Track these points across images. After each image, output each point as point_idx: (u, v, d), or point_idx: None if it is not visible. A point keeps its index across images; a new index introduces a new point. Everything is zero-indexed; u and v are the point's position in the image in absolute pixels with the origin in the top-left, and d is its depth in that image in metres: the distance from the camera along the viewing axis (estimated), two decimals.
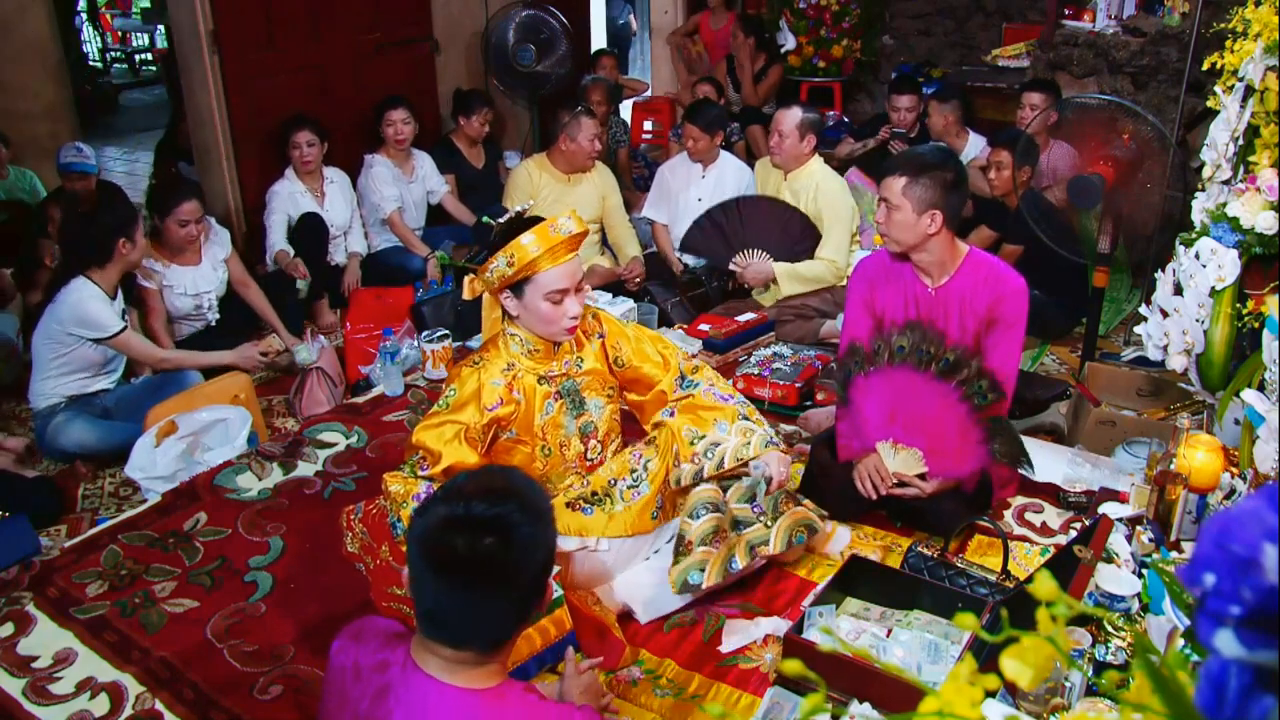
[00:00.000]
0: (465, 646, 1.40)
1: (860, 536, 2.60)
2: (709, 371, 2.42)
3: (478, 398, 2.16)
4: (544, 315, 2.17)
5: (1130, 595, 2.03)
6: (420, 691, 1.41)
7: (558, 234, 2.12)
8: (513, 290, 2.17)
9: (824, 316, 3.94)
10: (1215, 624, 0.51)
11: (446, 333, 3.71)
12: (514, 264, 2.10)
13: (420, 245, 4.60)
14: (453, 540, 1.36)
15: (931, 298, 2.60)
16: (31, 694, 2.15)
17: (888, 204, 2.50)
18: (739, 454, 2.26)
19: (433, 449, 2.09)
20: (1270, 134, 2.24)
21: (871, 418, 2.51)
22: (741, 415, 2.31)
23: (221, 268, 3.82)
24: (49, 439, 3.18)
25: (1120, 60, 4.44)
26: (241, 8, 4.39)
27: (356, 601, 2.36)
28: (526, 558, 1.39)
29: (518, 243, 2.09)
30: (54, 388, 3.19)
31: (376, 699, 1.44)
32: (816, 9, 6.07)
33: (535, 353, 2.25)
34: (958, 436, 2.43)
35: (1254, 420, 2.04)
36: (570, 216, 2.16)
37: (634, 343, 2.39)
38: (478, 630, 1.40)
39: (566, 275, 2.16)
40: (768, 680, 2.10)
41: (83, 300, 3.09)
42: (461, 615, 1.39)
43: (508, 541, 1.37)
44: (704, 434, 2.27)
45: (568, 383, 2.29)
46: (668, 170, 4.53)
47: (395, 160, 4.64)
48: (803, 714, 0.59)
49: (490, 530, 1.36)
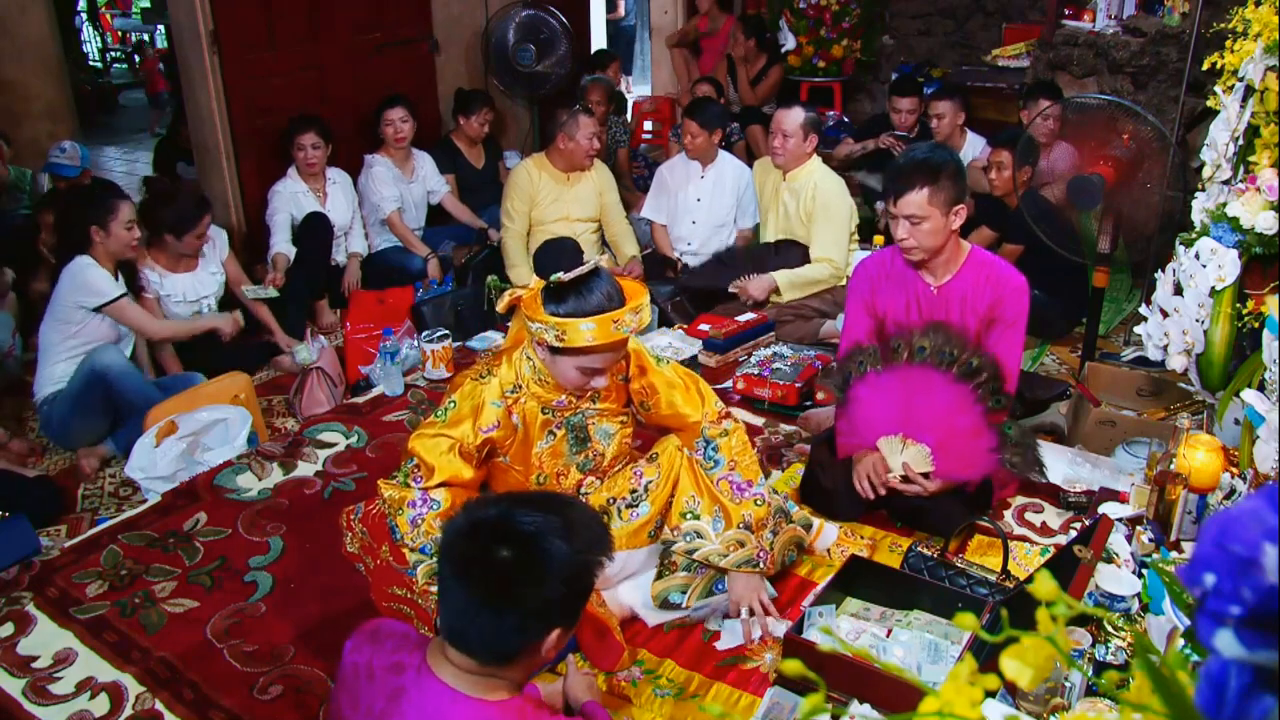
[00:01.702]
0: (476, 656, 1.39)
1: (846, 533, 2.59)
2: (736, 441, 2.27)
3: (475, 416, 2.09)
4: (568, 379, 2.08)
5: (1130, 595, 2.03)
6: (434, 697, 1.39)
7: (619, 331, 1.97)
8: (550, 348, 2.04)
9: (824, 317, 3.94)
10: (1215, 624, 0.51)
11: (446, 333, 3.71)
12: (563, 341, 1.97)
13: (420, 245, 4.60)
14: (477, 544, 1.35)
15: (934, 297, 2.60)
16: (31, 694, 2.15)
17: (913, 219, 2.45)
18: (712, 559, 2.18)
19: (428, 461, 2.05)
20: (1270, 134, 2.24)
21: (882, 413, 2.50)
22: (743, 524, 2.18)
23: (220, 271, 3.82)
24: (55, 416, 3.19)
25: (1120, 60, 4.44)
26: (241, 8, 4.39)
27: (356, 601, 2.36)
28: (553, 577, 1.35)
29: (575, 326, 1.94)
30: (63, 372, 3.21)
31: (391, 700, 1.44)
32: (816, 9, 6.06)
33: (546, 384, 2.15)
34: (969, 439, 2.42)
35: (1254, 420, 2.04)
36: (640, 310, 2.00)
37: (665, 392, 2.25)
38: (491, 641, 1.38)
39: (609, 360, 2.06)
40: (768, 680, 2.10)
41: (83, 269, 3.20)
42: (477, 623, 1.37)
43: (534, 557, 1.34)
44: (698, 516, 2.19)
45: (575, 416, 2.20)
46: (666, 170, 4.52)
47: (395, 160, 4.64)
48: (803, 714, 0.59)
49: (517, 543, 1.34)
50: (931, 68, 6.26)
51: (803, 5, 6.10)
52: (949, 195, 2.45)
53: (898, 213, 2.48)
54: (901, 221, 2.49)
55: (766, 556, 2.21)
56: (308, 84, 4.73)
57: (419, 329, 3.88)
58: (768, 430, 3.24)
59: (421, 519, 2.02)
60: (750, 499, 2.21)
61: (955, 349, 2.42)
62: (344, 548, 2.46)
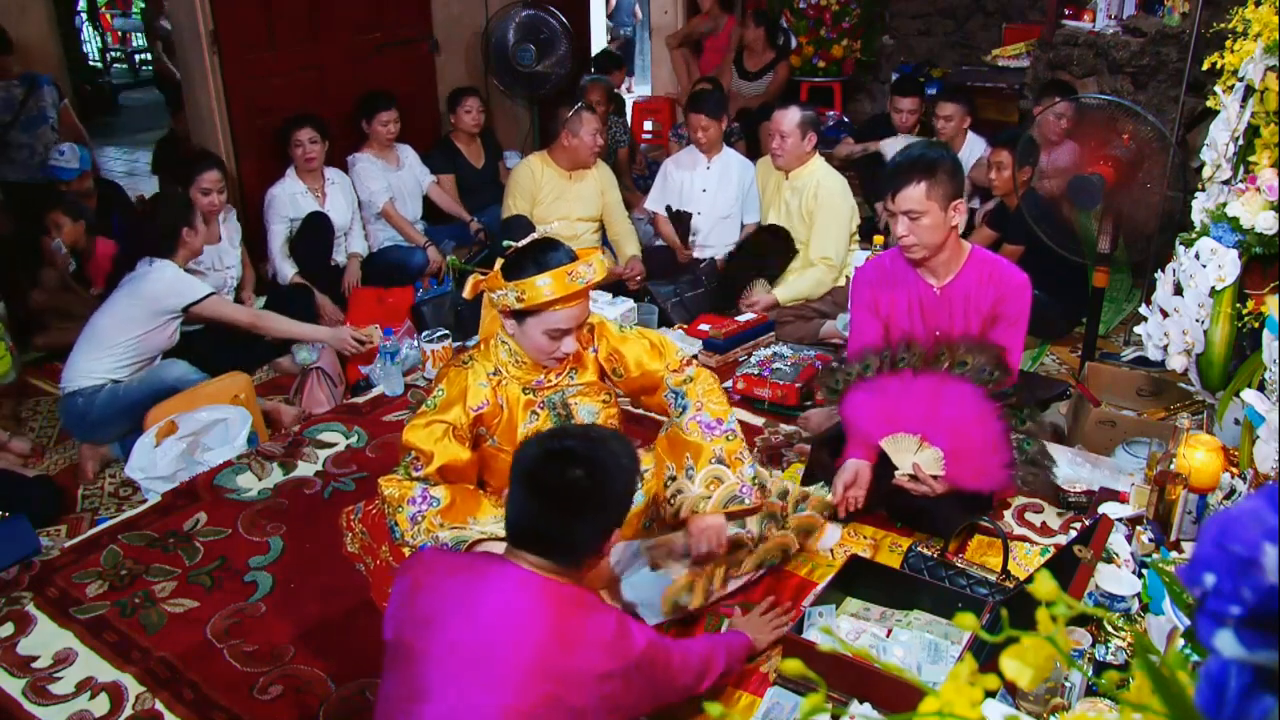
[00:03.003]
0: (551, 557, 1.61)
1: (850, 533, 2.60)
2: (702, 383, 2.32)
3: (464, 398, 2.15)
4: (538, 345, 2.14)
5: (1130, 595, 2.03)
6: (517, 576, 1.59)
7: (574, 282, 2.06)
8: (514, 315, 2.13)
9: (824, 317, 3.94)
10: (1215, 624, 0.51)
11: (446, 333, 3.71)
12: (524, 301, 2.06)
13: (417, 235, 4.62)
14: (548, 467, 1.61)
15: (936, 297, 2.60)
16: (31, 694, 2.15)
17: (911, 215, 2.46)
18: (700, 508, 2.19)
19: (424, 449, 2.08)
20: (1270, 134, 2.23)
21: (906, 411, 2.50)
22: (715, 459, 2.21)
23: (239, 248, 3.90)
24: (93, 411, 3.17)
25: (1120, 60, 4.43)
26: (241, 8, 4.38)
27: (356, 601, 2.36)
28: (610, 488, 1.64)
29: (533, 283, 2.04)
30: (108, 370, 3.19)
31: (474, 580, 1.60)
32: (816, 9, 6.06)
33: (523, 364, 2.21)
34: (986, 453, 2.43)
35: (1254, 420, 2.04)
36: (593, 263, 2.09)
37: (630, 354, 2.32)
38: (564, 545, 1.62)
39: (572, 318, 2.11)
40: (768, 680, 2.10)
41: (176, 274, 3.28)
42: (551, 531, 1.62)
43: (596, 474, 1.61)
44: (675, 476, 2.22)
45: (555, 395, 2.25)
46: (672, 163, 4.51)
47: (378, 153, 4.64)
48: (803, 714, 0.59)
49: (581, 463, 1.61)
50: (931, 68, 6.26)
51: (803, 5, 6.10)
52: (946, 190, 2.45)
53: (896, 209, 2.48)
54: (900, 218, 2.49)
55: (750, 491, 2.23)
56: (308, 84, 4.73)
57: (419, 329, 3.88)
58: (768, 430, 3.24)
59: (422, 515, 2.02)
60: (721, 435, 2.25)
61: (996, 370, 2.43)
62: (344, 548, 2.46)
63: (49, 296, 3.92)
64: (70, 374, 3.21)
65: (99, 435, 3.21)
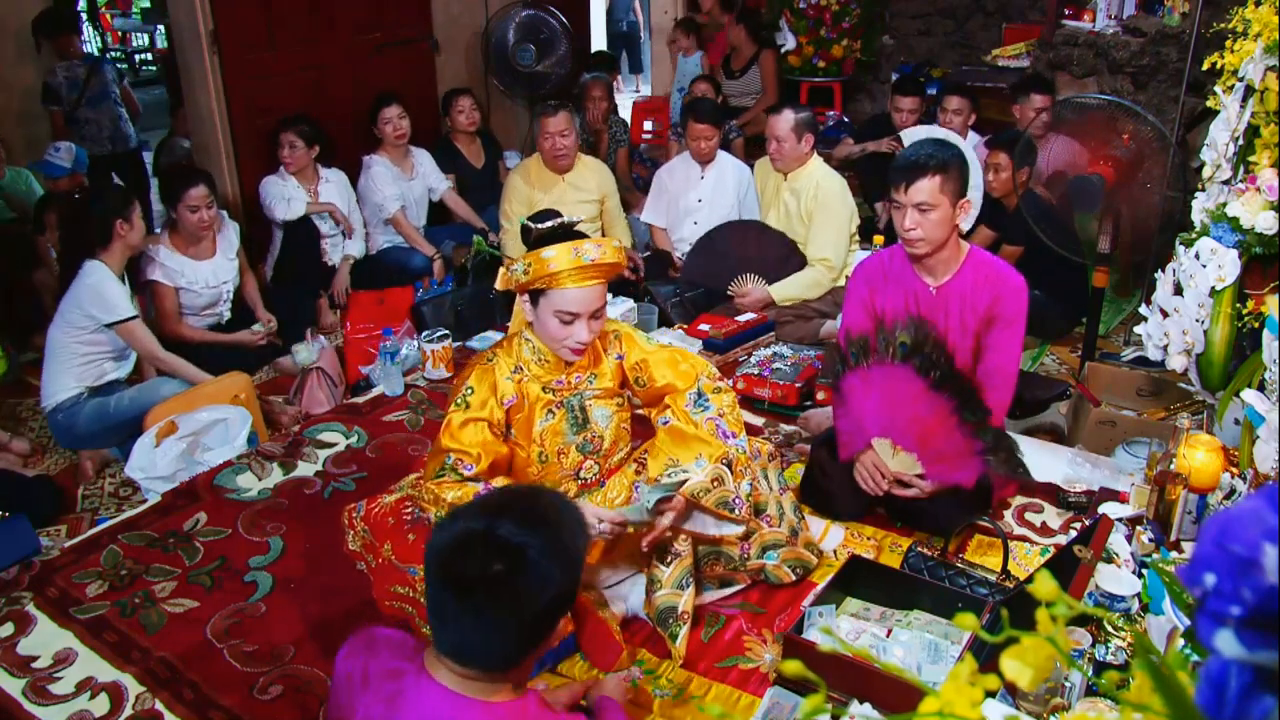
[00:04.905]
0: (471, 665, 1.39)
1: (852, 535, 2.60)
2: (727, 399, 2.30)
3: (494, 392, 2.17)
4: (551, 331, 2.14)
5: (1130, 595, 2.03)
6: (434, 699, 1.39)
7: (579, 258, 2.05)
8: (530, 296, 2.15)
9: (824, 317, 3.93)
10: (1215, 624, 0.51)
11: (446, 333, 3.71)
12: (530, 273, 2.07)
13: (425, 244, 4.61)
14: (465, 557, 1.33)
15: (933, 297, 2.60)
16: (31, 694, 2.15)
17: (922, 207, 2.46)
18: (696, 492, 2.16)
19: (469, 450, 2.08)
20: (1270, 134, 2.24)
21: (870, 414, 2.51)
22: (724, 460, 2.19)
23: (235, 259, 3.84)
24: (79, 425, 3.16)
25: (1120, 60, 4.43)
26: (241, 8, 4.39)
27: (356, 601, 2.36)
28: (536, 592, 1.35)
29: (539, 255, 2.05)
30: (76, 379, 3.18)
31: (389, 705, 1.43)
32: (816, 9, 6.06)
33: (545, 362, 2.21)
34: (953, 447, 2.42)
35: (1254, 420, 2.04)
36: (603, 245, 2.09)
37: (659, 367, 2.31)
38: (482, 650, 1.38)
39: (582, 300, 2.09)
40: (768, 680, 2.10)
41: (101, 281, 3.16)
42: (467, 633, 1.36)
43: (520, 571, 1.33)
44: (678, 462, 2.20)
45: (573, 397, 2.25)
46: (665, 173, 4.51)
47: (393, 159, 4.63)
48: (803, 714, 0.59)
49: (505, 556, 1.33)
50: (931, 68, 6.26)
51: (803, 5, 6.09)
52: (957, 187, 2.48)
53: (907, 201, 2.47)
54: (909, 210, 2.48)
55: (741, 505, 2.22)
56: (308, 84, 4.73)
57: (419, 329, 3.88)
58: (768, 430, 3.24)
59: None
60: (733, 445, 2.24)
61: (933, 351, 2.40)
62: (345, 546, 2.46)
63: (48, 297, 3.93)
64: (45, 391, 3.21)
65: (91, 446, 3.21)
